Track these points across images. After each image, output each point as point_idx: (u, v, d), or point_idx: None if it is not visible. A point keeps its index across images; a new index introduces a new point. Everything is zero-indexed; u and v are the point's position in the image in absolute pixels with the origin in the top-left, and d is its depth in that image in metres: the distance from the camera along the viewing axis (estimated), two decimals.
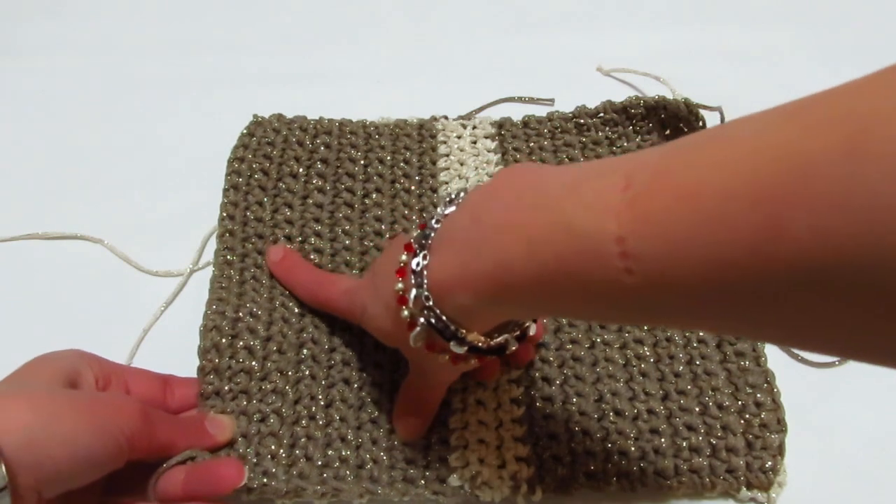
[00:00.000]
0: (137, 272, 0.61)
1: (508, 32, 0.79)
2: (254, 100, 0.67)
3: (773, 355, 0.54)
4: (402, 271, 0.40)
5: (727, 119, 0.64)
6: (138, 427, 0.42)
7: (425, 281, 0.38)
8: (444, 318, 0.38)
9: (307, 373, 0.52)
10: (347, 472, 0.48)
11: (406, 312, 0.40)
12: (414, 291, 0.39)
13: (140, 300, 0.59)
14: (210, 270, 0.58)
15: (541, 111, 0.68)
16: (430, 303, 0.38)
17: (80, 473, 0.39)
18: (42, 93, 0.73)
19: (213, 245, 0.60)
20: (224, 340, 0.52)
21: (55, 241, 0.62)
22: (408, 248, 0.40)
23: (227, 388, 0.50)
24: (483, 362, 0.43)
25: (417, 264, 0.39)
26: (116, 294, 0.59)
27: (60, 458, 0.38)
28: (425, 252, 0.39)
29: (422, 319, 0.39)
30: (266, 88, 0.70)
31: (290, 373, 0.51)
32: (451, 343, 0.39)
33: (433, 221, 0.40)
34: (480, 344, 0.40)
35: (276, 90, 0.69)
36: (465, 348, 0.39)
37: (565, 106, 0.68)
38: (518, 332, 0.42)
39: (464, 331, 0.39)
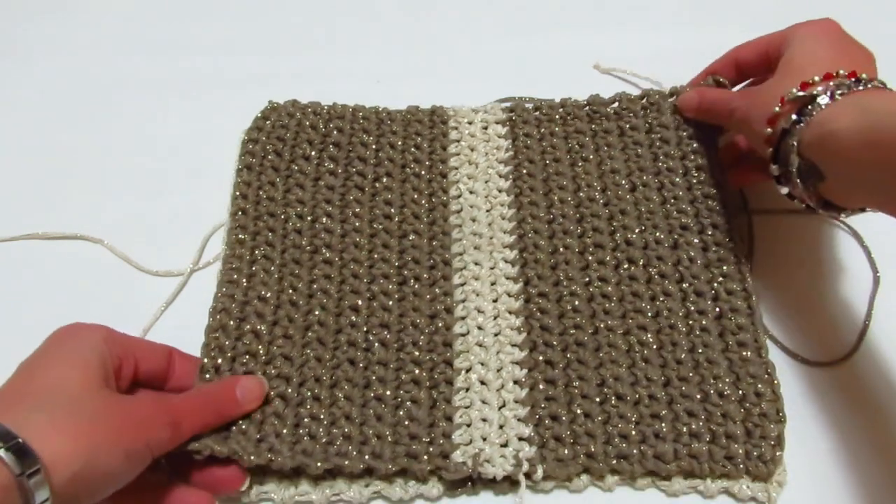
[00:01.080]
0: (137, 272, 0.61)
1: (508, 32, 0.79)
2: (254, 100, 0.67)
3: (775, 353, 0.55)
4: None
5: None
6: (167, 438, 0.44)
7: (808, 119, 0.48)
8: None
9: (312, 355, 0.52)
10: (350, 448, 0.48)
11: (769, 130, 0.51)
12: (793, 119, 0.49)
13: (140, 300, 0.59)
14: (211, 270, 0.58)
15: None
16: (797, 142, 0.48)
17: (106, 493, 0.41)
18: (42, 93, 0.73)
19: (213, 244, 0.61)
20: (232, 322, 0.53)
21: (55, 241, 0.63)
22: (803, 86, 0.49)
23: (228, 368, 0.51)
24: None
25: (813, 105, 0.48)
26: (116, 294, 0.59)
27: (97, 488, 0.40)
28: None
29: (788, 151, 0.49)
30: (266, 88, 0.70)
31: (294, 356, 0.52)
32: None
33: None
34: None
35: (276, 90, 0.69)
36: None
37: None
38: None
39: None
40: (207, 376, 0.50)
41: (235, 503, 0.48)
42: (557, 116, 0.66)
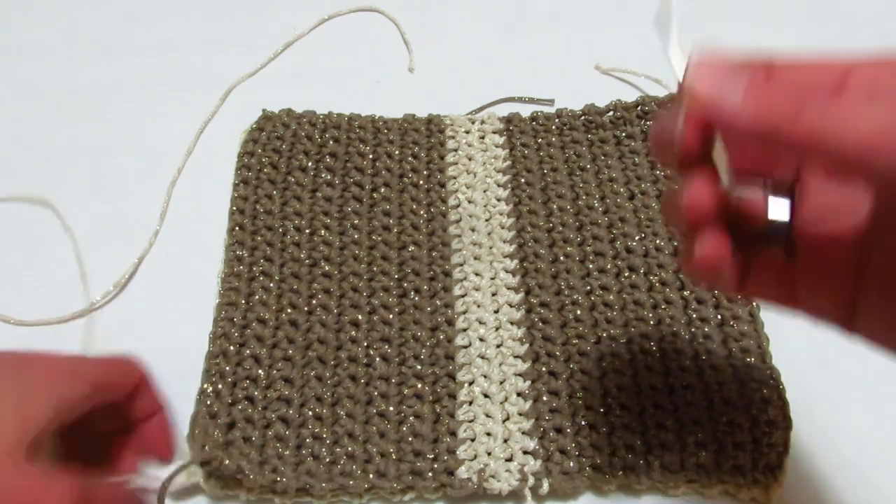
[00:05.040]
0: None
1: (508, 32, 0.78)
2: (254, 100, 0.67)
3: (777, 352, 0.54)
4: None
5: None
6: None
7: None
8: None
9: (312, 374, 0.52)
10: (355, 468, 0.48)
11: None
12: None
13: None
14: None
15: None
16: None
17: None
18: (43, 93, 0.73)
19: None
20: (232, 348, 0.53)
21: None
22: None
23: (229, 392, 0.51)
24: None
25: None
26: None
27: None
28: None
29: None
30: (266, 89, 0.70)
31: (295, 377, 0.52)
32: None
33: None
34: None
35: (276, 90, 0.68)
36: None
37: (565, 106, 0.68)
38: None
39: None
40: (209, 402, 0.50)
41: None
42: (554, 126, 0.66)
